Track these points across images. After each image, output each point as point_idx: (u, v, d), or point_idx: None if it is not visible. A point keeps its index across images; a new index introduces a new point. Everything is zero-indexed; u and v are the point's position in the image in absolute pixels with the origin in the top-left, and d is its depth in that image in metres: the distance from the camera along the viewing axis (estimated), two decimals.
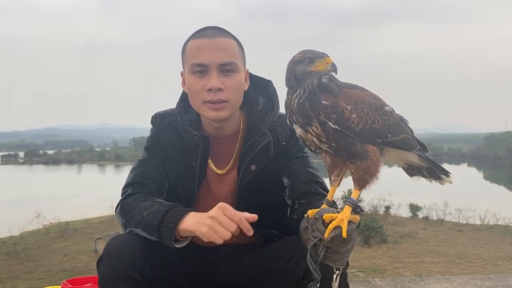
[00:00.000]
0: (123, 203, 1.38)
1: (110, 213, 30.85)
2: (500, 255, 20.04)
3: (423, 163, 1.21)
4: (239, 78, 1.39)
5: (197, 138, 1.42)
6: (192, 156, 1.44)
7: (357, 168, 1.08)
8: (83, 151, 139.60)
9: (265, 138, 1.41)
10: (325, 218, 1.06)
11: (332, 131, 1.06)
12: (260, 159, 1.41)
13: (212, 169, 1.47)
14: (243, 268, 1.41)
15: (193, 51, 1.37)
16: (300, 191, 1.37)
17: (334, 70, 1.09)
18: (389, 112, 1.12)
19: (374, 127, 1.08)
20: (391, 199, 32.78)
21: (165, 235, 1.22)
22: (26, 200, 40.34)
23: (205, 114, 1.39)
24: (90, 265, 18.55)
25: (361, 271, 16.48)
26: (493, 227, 28.00)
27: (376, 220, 23.86)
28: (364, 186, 1.10)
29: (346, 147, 1.08)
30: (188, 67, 1.38)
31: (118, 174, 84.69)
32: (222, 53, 1.35)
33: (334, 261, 1.09)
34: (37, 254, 22.10)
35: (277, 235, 1.44)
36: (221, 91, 1.34)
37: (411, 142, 1.17)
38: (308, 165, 1.44)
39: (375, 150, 1.09)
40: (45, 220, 29.94)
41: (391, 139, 1.11)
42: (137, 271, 1.20)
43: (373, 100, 1.11)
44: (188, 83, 1.39)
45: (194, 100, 1.40)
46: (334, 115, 1.06)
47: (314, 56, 1.09)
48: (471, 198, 33.06)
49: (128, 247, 1.23)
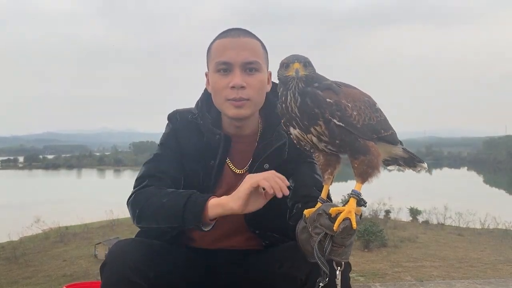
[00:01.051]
0: (138, 193, 1.36)
1: (110, 218, 30.86)
2: (501, 259, 20.02)
3: (405, 154, 1.29)
4: (262, 77, 1.41)
5: (219, 137, 1.43)
6: (211, 155, 1.44)
7: (361, 163, 1.12)
8: (82, 155, 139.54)
9: (281, 139, 1.42)
10: (331, 212, 1.09)
11: (337, 129, 1.09)
12: (274, 159, 1.42)
13: (231, 168, 1.47)
14: (245, 273, 1.42)
15: (218, 50, 1.39)
16: (301, 193, 1.37)
17: (296, 75, 1.11)
18: (379, 109, 1.18)
19: (371, 123, 1.14)
20: (391, 203, 32.81)
21: (191, 217, 1.23)
22: (25, 205, 40.29)
23: (227, 112, 1.40)
24: (89, 270, 18.51)
25: (361, 276, 16.45)
26: (493, 231, 27.99)
27: (376, 224, 23.85)
28: (367, 179, 1.13)
29: (350, 143, 1.11)
30: (213, 66, 1.40)
31: (118, 178, 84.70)
32: (246, 51, 1.37)
33: (340, 255, 1.10)
34: (36, 259, 22.05)
35: (279, 240, 1.45)
36: (244, 89, 1.36)
37: (396, 137, 1.24)
38: (315, 171, 1.44)
39: (374, 145, 1.14)
40: (44, 225, 29.90)
41: (384, 134, 1.17)
42: (141, 276, 1.20)
43: (366, 98, 1.16)
44: (212, 81, 1.41)
45: (217, 98, 1.41)
46: (338, 112, 1.09)
47: (290, 61, 1.13)
48: (471, 202, 33.07)
49: (132, 252, 1.23)
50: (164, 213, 1.27)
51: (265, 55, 1.44)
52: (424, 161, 1.32)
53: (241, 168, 1.47)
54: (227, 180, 1.46)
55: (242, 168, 1.47)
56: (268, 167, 1.41)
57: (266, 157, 1.42)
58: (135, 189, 1.39)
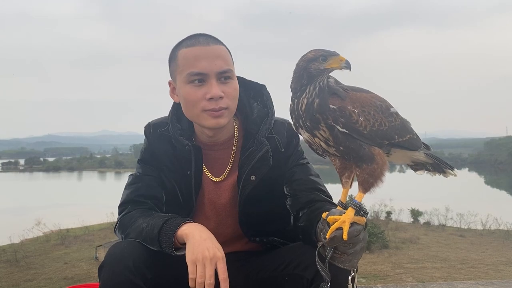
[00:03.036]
0: (122, 220, 1.40)
1: (111, 220, 30.78)
2: (502, 260, 19.93)
3: (429, 160, 1.24)
4: (236, 84, 1.39)
5: (188, 148, 1.41)
6: (186, 165, 1.43)
7: (363, 171, 1.09)
8: (83, 158, 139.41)
9: (263, 147, 1.40)
10: (328, 220, 1.08)
11: (341, 135, 1.07)
12: (259, 169, 1.40)
13: (208, 177, 1.46)
14: (247, 275, 1.41)
15: (189, 60, 1.34)
16: (303, 200, 1.36)
17: (348, 67, 1.09)
18: (394, 113, 1.13)
19: (381, 129, 1.09)
20: (392, 205, 32.67)
21: (165, 243, 1.23)
22: (26, 207, 40.22)
23: (205, 123, 1.37)
24: (90, 272, 18.46)
25: (362, 277, 16.39)
26: (495, 232, 27.87)
27: (377, 226, 23.75)
28: (369, 189, 1.11)
29: (354, 150, 1.08)
30: (184, 77, 1.35)
31: (119, 181, 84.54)
32: (219, 60, 1.33)
33: (342, 262, 1.09)
34: (37, 262, 21.99)
35: (280, 242, 1.44)
36: (222, 99, 1.34)
37: (417, 142, 1.19)
38: (309, 172, 1.43)
39: (381, 153, 1.10)
40: (45, 228, 29.84)
41: (398, 140, 1.13)
42: (139, 277, 1.19)
43: (379, 103, 1.11)
44: (185, 93, 1.36)
45: (192, 110, 1.37)
46: (342, 118, 1.06)
47: (328, 54, 1.09)
48: (472, 203, 32.98)
49: (130, 253, 1.23)
50: (145, 239, 1.28)
51: (232, 60, 1.42)
52: (453, 167, 1.25)
53: (219, 175, 1.47)
54: (207, 188, 1.46)
55: (220, 176, 1.47)
56: (255, 178, 1.40)
57: (251, 168, 1.40)
58: (119, 216, 1.43)
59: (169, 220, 1.27)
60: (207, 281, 1.16)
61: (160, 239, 1.24)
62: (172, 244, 1.23)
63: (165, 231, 1.24)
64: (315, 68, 1.09)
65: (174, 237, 1.23)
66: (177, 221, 1.26)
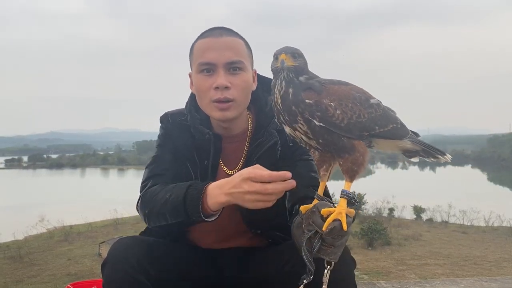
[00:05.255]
0: (144, 196, 1.38)
1: (114, 217, 30.91)
2: (505, 257, 19.91)
3: (417, 147, 1.24)
4: (246, 76, 1.39)
5: (208, 137, 1.42)
6: (204, 155, 1.44)
7: (345, 161, 1.10)
8: (86, 155, 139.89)
9: (272, 138, 1.41)
10: (323, 213, 1.08)
11: (318, 128, 1.08)
12: (266, 159, 1.40)
13: (223, 169, 1.46)
14: (249, 271, 1.41)
15: (200, 50, 1.37)
16: (299, 195, 1.36)
17: (282, 66, 1.11)
18: (375, 104, 1.13)
19: (360, 121, 1.10)
20: (395, 201, 32.65)
21: (192, 209, 1.21)
22: (29, 204, 40.40)
23: (212, 114, 1.39)
24: (94, 269, 18.55)
25: (365, 274, 16.42)
26: (497, 229, 27.84)
27: (380, 223, 23.74)
28: (354, 176, 1.11)
29: (333, 143, 1.10)
30: (196, 67, 1.38)
31: (122, 178, 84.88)
32: (229, 51, 1.35)
33: (328, 255, 1.10)
34: (41, 258, 22.11)
35: (282, 237, 1.44)
36: (228, 89, 1.34)
37: (401, 131, 1.18)
38: (311, 169, 1.43)
39: (361, 142, 1.11)
40: (48, 224, 29.97)
41: (379, 130, 1.13)
42: (142, 273, 1.20)
43: (357, 94, 1.12)
44: (196, 83, 1.39)
45: (202, 100, 1.40)
46: (318, 112, 1.07)
47: (276, 53, 1.13)
48: (475, 199, 32.90)
49: (133, 249, 1.23)
50: (169, 209, 1.26)
51: (249, 53, 1.42)
52: (445, 152, 1.25)
53: (233, 168, 1.46)
54: None
55: (234, 169, 1.46)
56: None
57: (258, 157, 1.41)
58: (140, 194, 1.41)
59: (192, 185, 1.25)
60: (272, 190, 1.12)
61: (186, 205, 1.21)
62: (200, 208, 1.20)
63: (190, 196, 1.22)
64: (273, 66, 1.15)
65: (201, 200, 1.20)
66: (199, 185, 1.24)
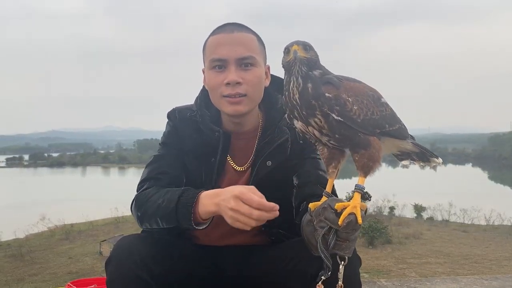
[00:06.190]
0: (138, 197, 1.38)
1: (115, 215, 30.96)
2: (506, 255, 19.92)
3: (416, 149, 1.27)
4: (258, 72, 1.38)
5: (218, 134, 1.42)
6: (212, 152, 1.43)
7: (362, 156, 1.11)
8: (87, 153, 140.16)
9: (283, 135, 1.41)
10: (337, 207, 1.08)
11: (336, 123, 1.09)
12: (276, 156, 1.40)
13: (231, 165, 1.46)
14: (252, 269, 1.41)
15: (212, 46, 1.37)
16: (307, 192, 1.36)
17: (295, 56, 1.10)
18: (384, 103, 1.16)
19: (374, 118, 1.12)
20: (396, 200, 32.68)
21: (183, 217, 1.22)
22: (31, 202, 40.48)
23: (224, 109, 1.39)
24: (95, 267, 18.61)
25: (365, 272, 16.43)
26: (498, 228, 27.84)
27: (380, 221, 23.76)
28: (369, 172, 1.13)
29: (350, 138, 1.10)
30: (208, 63, 1.38)
31: (122, 176, 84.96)
32: (241, 47, 1.35)
33: (343, 250, 1.10)
34: (42, 257, 22.18)
35: (285, 235, 1.44)
36: (240, 85, 1.34)
37: (405, 132, 1.22)
38: (319, 167, 1.43)
39: (376, 139, 1.13)
40: (50, 223, 30.05)
41: (389, 129, 1.15)
42: (146, 271, 1.20)
43: (370, 92, 1.14)
44: (208, 79, 1.40)
45: (214, 95, 1.40)
46: (337, 107, 1.08)
47: (287, 46, 1.12)
48: (476, 198, 32.92)
49: (137, 247, 1.23)
50: (161, 215, 1.27)
51: (261, 49, 1.41)
52: (438, 156, 1.28)
53: (242, 165, 1.46)
54: (229, 177, 1.46)
55: (243, 165, 1.46)
56: (271, 164, 1.40)
57: (268, 154, 1.41)
58: (136, 195, 1.40)
59: (184, 193, 1.25)
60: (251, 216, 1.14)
61: (178, 213, 1.22)
62: (191, 217, 1.21)
63: (182, 204, 1.22)
64: (284, 62, 1.14)
65: (193, 208, 1.21)
66: (192, 193, 1.24)
